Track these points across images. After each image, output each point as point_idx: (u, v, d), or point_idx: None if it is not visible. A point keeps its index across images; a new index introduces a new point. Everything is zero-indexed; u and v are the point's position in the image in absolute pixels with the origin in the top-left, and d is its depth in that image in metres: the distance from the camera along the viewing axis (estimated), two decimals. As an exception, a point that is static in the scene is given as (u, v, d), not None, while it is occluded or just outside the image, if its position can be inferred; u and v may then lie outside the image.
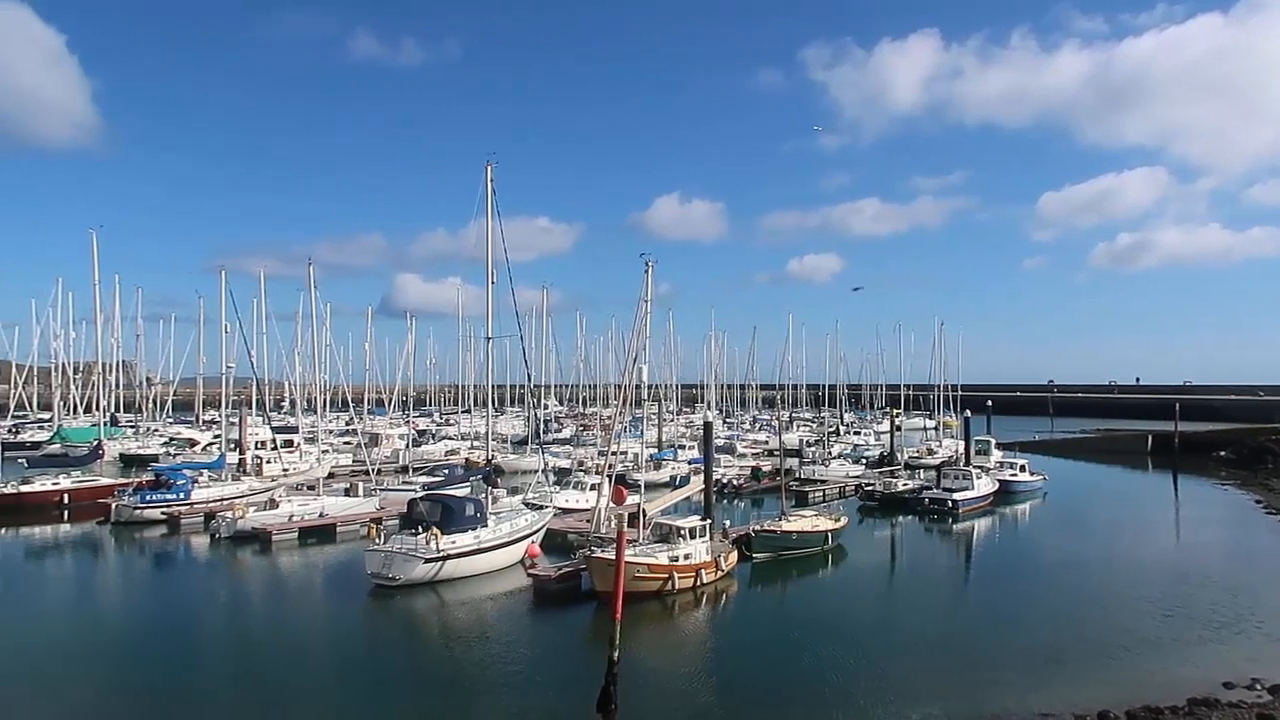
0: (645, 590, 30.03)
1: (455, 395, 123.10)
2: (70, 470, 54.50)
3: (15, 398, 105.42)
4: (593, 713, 18.97)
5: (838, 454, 71.52)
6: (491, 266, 41.36)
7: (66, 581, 36.69)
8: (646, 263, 41.56)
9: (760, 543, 37.35)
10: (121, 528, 44.49)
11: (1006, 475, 58.71)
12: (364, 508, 45.89)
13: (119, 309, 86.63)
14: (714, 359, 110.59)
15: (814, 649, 25.64)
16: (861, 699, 21.46)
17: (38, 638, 26.87)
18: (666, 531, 33.38)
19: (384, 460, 64.20)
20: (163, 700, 21.43)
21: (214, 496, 47.79)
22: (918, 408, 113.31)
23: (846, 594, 34.32)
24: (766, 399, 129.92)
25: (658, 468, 60.01)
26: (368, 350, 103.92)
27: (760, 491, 57.33)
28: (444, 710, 21.02)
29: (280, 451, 61.28)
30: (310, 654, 25.76)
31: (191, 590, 34.45)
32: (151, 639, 27.14)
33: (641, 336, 43.55)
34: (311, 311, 66.54)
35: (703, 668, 24.72)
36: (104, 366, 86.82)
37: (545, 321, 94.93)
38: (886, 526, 48.46)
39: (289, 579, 36.28)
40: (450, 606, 30.88)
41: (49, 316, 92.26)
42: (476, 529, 34.57)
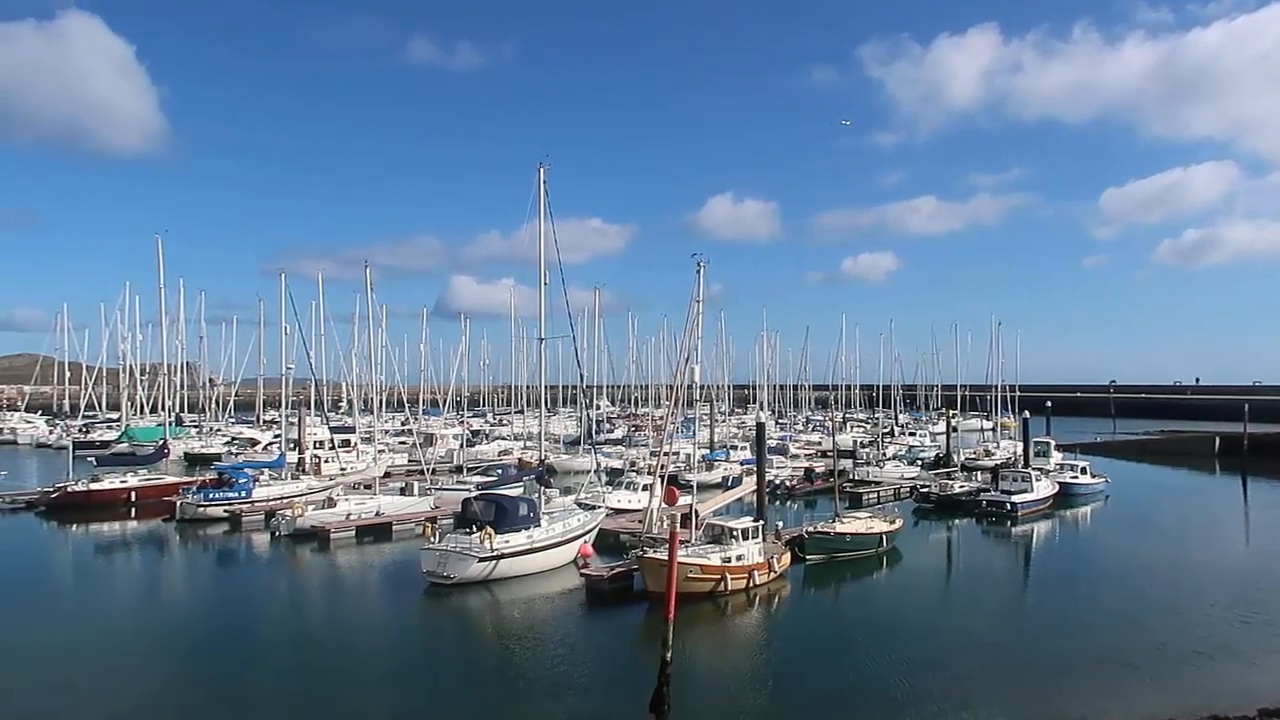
0: (697, 591, 29.95)
1: (508, 396, 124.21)
2: (137, 469, 56.08)
3: (85, 398, 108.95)
4: (646, 713, 18.95)
5: (892, 455, 70.66)
6: (544, 268, 41.62)
7: (134, 576, 37.75)
8: (698, 263, 41.44)
9: (813, 544, 37.03)
10: (186, 525, 45.66)
11: (1067, 477, 57.43)
12: (419, 507, 46.46)
13: (183, 312, 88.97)
14: (766, 359, 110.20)
15: (868, 652, 25.36)
16: (920, 704, 21.14)
17: (107, 631, 27.71)
18: (719, 532, 33.26)
19: (438, 460, 64.90)
20: (225, 693, 21.93)
21: (274, 495, 48.80)
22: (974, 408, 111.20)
23: (902, 597, 33.83)
24: (819, 399, 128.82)
25: (710, 469, 59.88)
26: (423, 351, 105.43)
27: (813, 493, 56.86)
28: (498, 708, 21.16)
29: (338, 451, 62.36)
30: (367, 650, 26.12)
31: (253, 586, 35.24)
32: (215, 633, 27.79)
33: (693, 337, 43.46)
34: (368, 313, 67.51)
35: (756, 670, 24.59)
36: (169, 368, 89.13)
37: (597, 322, 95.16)
38: (943, 529, 47.72)
39: (346, 576, 36.88)
40: (504, 605, 31.14)
41: (117, 320, 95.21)
42: (530, 529, 34.80)
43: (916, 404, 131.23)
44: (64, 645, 25.65)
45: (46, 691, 21.82)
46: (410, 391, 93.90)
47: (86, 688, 22.17)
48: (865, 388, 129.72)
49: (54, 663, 23.99)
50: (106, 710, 20.77)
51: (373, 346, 67.36)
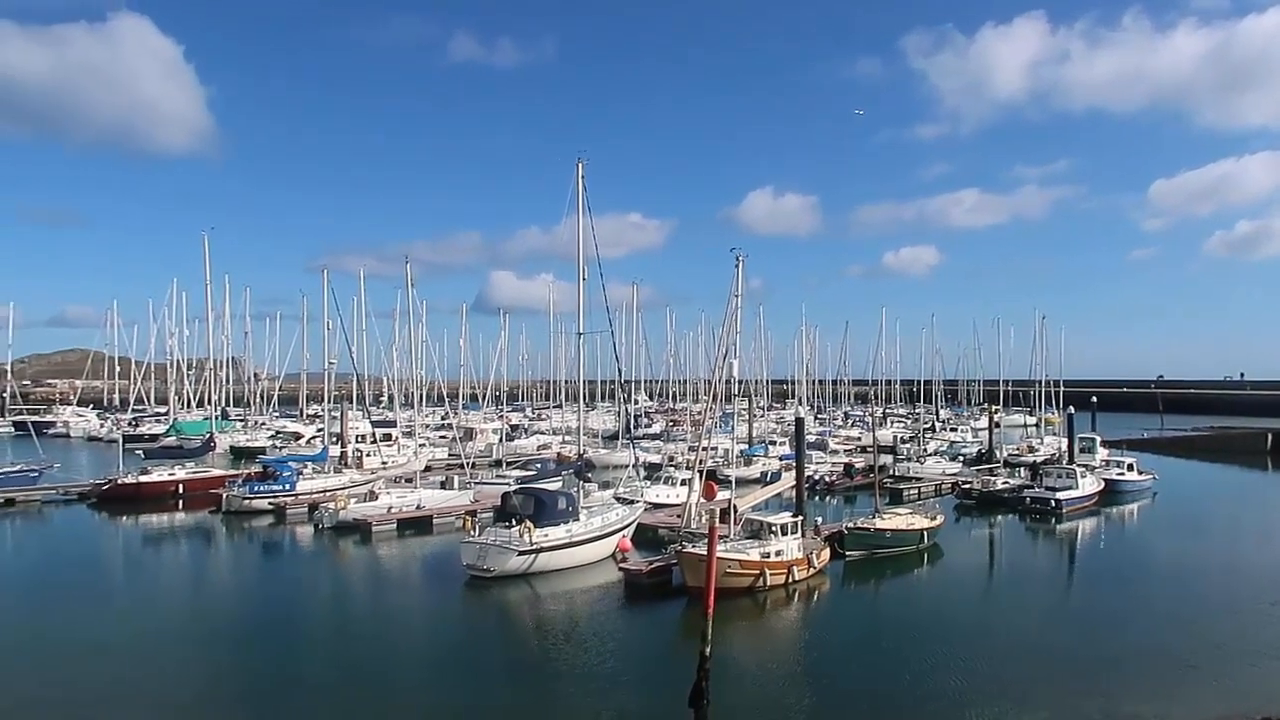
0: (736, 586, 29.86)
1: (547, 390, 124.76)
2: (184, 461, 57.22)
3: (135, 393, 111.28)
4: (685, 708, 18.93)
5: (933, 451, 69.89)
6: (583, 263, 41.76)
7: (182, 567, 38.47)
8: (737, 258, 41.32)
9: (853, 540, 36.76)
10: (232, 517, 46.46)
11: (1113, 474, 56.43)
12: (459, 500, 46.82)
13: (229, 308, 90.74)
14: (805, 354, 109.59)
15: (910, 650, 25.12)
16: (964, 703, 20.88)
17: (156, 621, 28.32)
18: (758, 528, 33.16)
19: (478, 454, 65.46)
20: (271, 683, 22.30)
21: (317, 488, 49.51)
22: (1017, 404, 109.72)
23: (943, 594, 33.47)
24: (859, 394, 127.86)
25: (748, 464, 59.70)
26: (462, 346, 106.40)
27: (853, 489, 56.46)
28: (537, 700, 21.27)
29: (379, 445, 63.07)
30: (408, 641, 26.43)
31: (297, 578, 35.79)
32: (260, 624, 28.27)
33: (732, 332, 43.31)
34: (409, 308, 68.36)
35: (795, 665, 24.48)
36: (215, 363, 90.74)
37: (636, 317, 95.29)
38: (985, 526, 47.12)
39: (388, 569, 37.31)
40: (543, 599, 31.30)
41: (165, 316, 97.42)
42: (568, 523, 34.94)
43: (958, 399, 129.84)
44: (115, 636, 26.24)
45: (98, 682, 22.33)
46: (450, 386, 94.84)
47: (136, 678, 22.65)
48: (906, 383, 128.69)
49: (105, 653, 24.53)
50: (157, 700, 21.16)
51: (413, 342, 68.21)
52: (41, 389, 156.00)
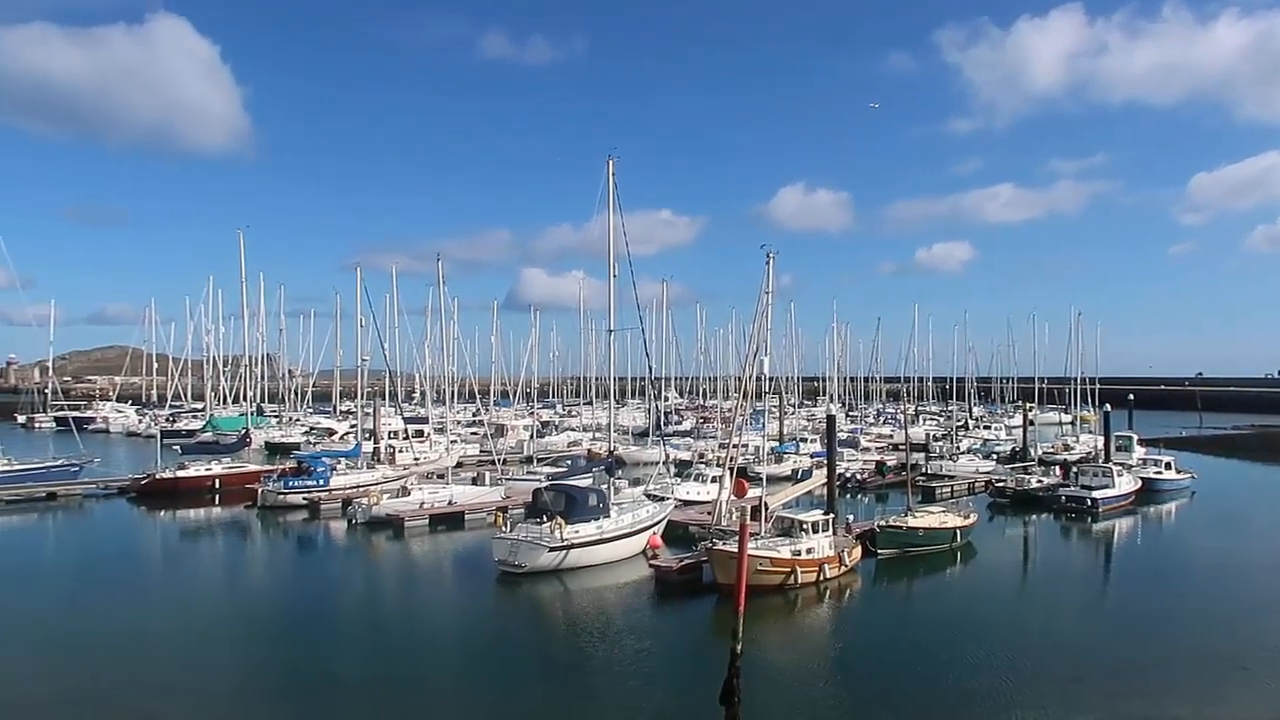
0: (767, 584, 29.77)
1: (577, 387, 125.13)
2: (221, 457, 58.01)
3: (172, 389, 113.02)
4: (715, 704, 18.91)
5: (966, 449, 69.28)
6: (613, 260, 41.80)
7: (219, 561, 39.03)
8: (768, 254, 41.16)
9: (885, 538, 36.52)
10: (267, 511, 47.05)
11: (1150, 473, 55.56)
12: (490, 496, 47.06)
13: (264, 305, 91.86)
14: (837, 351, 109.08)
15: (942, 649, 24.91)
16: (998, 704, 20.69)
17: (194, 614, 28.69)
18: (789, 525, 33.03)
19: (509, 451, 65.74)
20: (304, 676, 22.56)
21: (351, 483, 49.99)
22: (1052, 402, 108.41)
23: (977, 593, 33.14)
24: (891, 392, 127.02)
25: (779, 461, 59.50)
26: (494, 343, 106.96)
27: (885, 486, 56.08)
28: (568, 696, 21.35)
29: (411, 441, 63.50)
30: (441, 636, 26.65)
31: (331, 572, 36.20)
32: (295, 618, 28.61)
33: (763, 329, 43.14)
34: (440, 306, 68.79)
35: (826, 664, 24.38)
36: (250, 359, 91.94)
37: (666, 314, 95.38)
38: (1019, 525, 46.60)
39: (420, 564, 37.61)
40: (574, 595, 31.40)
41: (201, 313, 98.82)
42: (599, 519, 35.01)
43: (991, 397, 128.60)
44: (154, 628, 26.68)
45: (138, 674, 22.74)
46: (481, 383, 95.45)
47: (175, 671, 22.99)
48: (938, 380, 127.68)
49: (145, 645, 24.97)
50: (195, 693, 21.47)
51: (445, 338, 68.72)
52: (82, 385, 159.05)
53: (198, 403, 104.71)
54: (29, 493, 49.78)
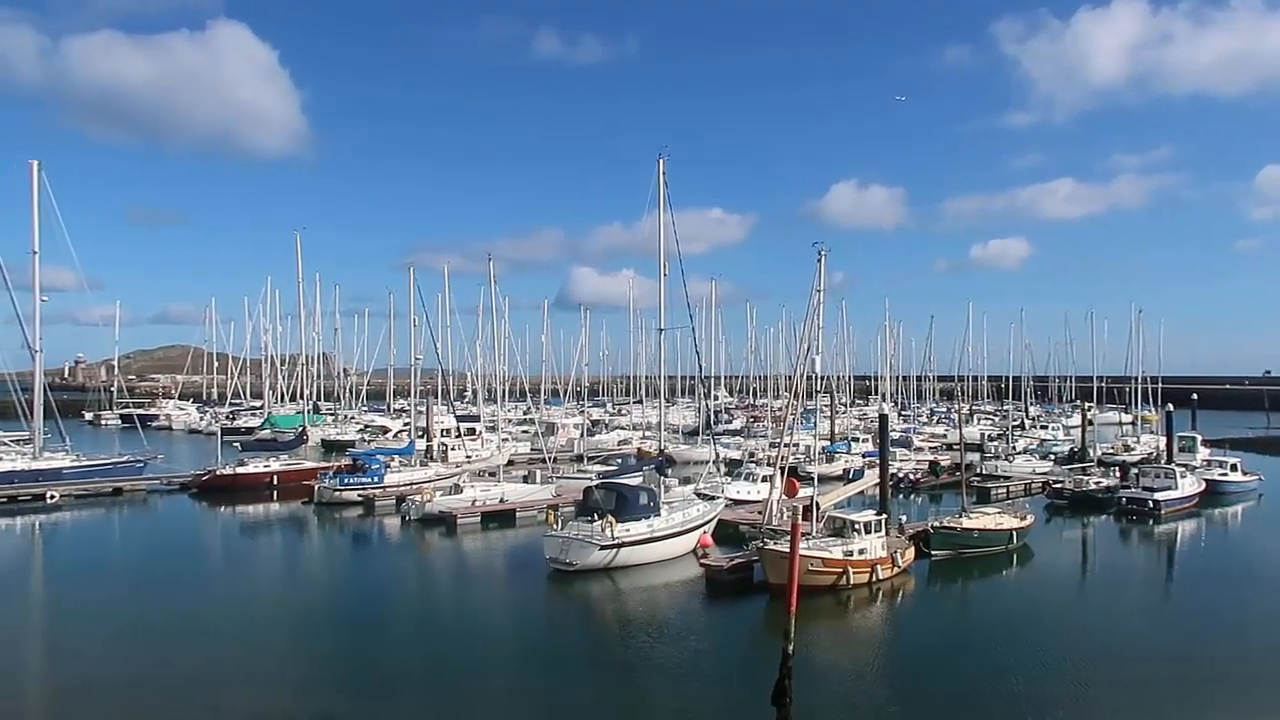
0: (819, 585, 29.56)
1: (627, 386, 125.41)
2: (279, 454, 59.20)
3: (232, 387, 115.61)
4: (767, 705, 18.84)
5: (1023, 449, 68.04)
6: (663, 259, 41.87)
7: (277, 556, 39.85)
8: (820, 252, 40.77)
9: (939, 539, 36.03)
10: (323, 508, 47.94)
11: (1215, 474, 54.01)
12: (541, 494, 47.37)
13: (320, 305, 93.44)
14: (889, 350, 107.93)
15: (998, 652, 24.54)
16: (1056, 710, 20.29)
17: (253, 607, 29.43)
18: (841, 525, 32.77)
19: (560, 449, 66.08)
20: (359, 669, 22.91)
21: (404, 481, 50.65)
22: (1112, 401, 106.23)
23: (1034, 596, 32.47)
24: (944, 391, 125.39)
25: (830, 460, 59.04)
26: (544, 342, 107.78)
27: (938, 487, 55.32)
28: (619, 694, 21.42)
29: (464, 439, 64.22)
30: (493, 632, 26.87)
31: (385, 568, 36.71)
32: (350, 613, 29.11)
33: (814, 327, 42.80)
34: (492, 305, 69.24)
35: (879, 666, 24.11)
36: (306, 358, 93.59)
37: (715, 313, 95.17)
38: (1077, 526, 45.64)
39: (472, 561, 38.01)
40: (625, 593, 31.48)
41: (259, 313, 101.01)
42: (650, 518, 35.04)
43: (1049, 396, 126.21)
44: (215, 621, 27.29)
45: (200, 665, 23.25)
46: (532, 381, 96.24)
47: (234, 662, 23.53)
48: (993, 379, 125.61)
49: (206, 637, 25.54)
50: (253, 684, 21.99)
51: (496, 337, 69.15)
52: (145, 383, 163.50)
53: (256, 401, 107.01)
54: (96, 488, 51.32)
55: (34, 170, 54.98)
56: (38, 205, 55.03)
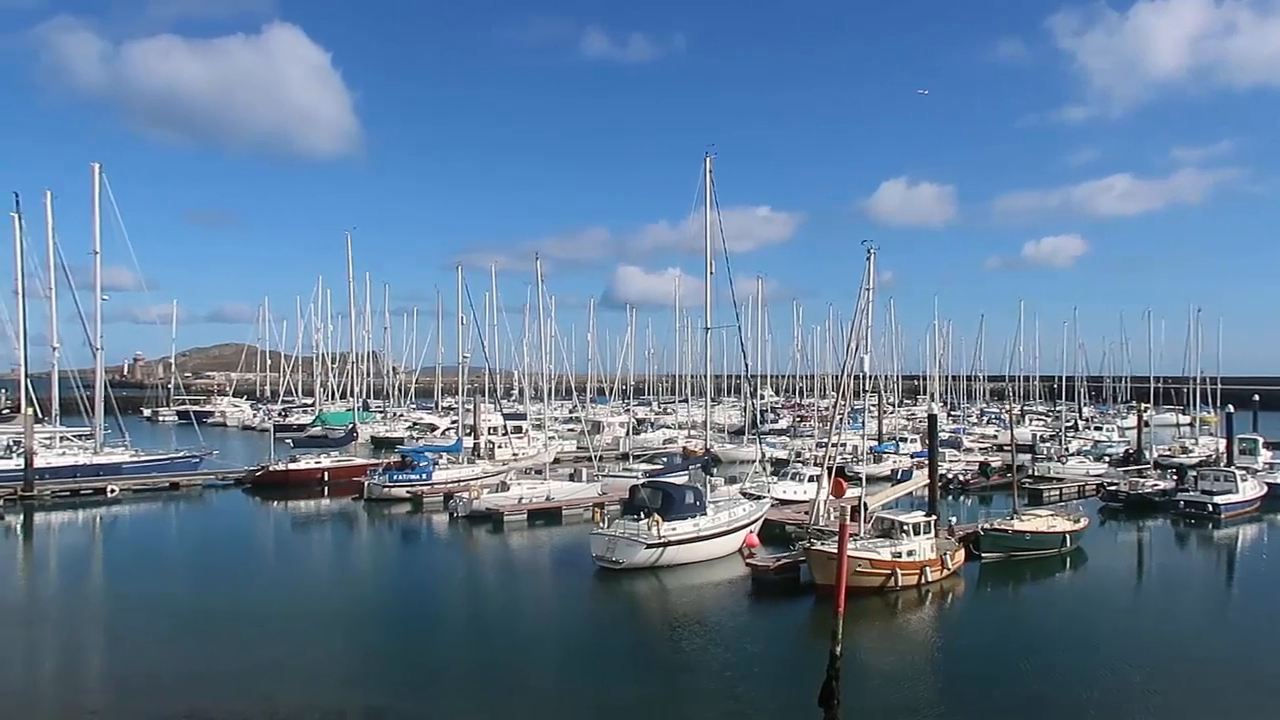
0: (866, 586, 29.26)
1: (672, 384, 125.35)
2: (329, 450, 60.15)
3: (284, 384, 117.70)
4: (814, 706, 18.73)
5: (1076, 450, 66.78)
6: (710, 257, 41.82)
7: (328, 552, 40.45)
8: (868, 250, 40.42)
9: (990, 542, 35.50)
10: (372, 504, 48.64)
11: (1278, 478, 52.52)
12: (587, 493, 47.57)
13: (370, 304, 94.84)
14: (938, 349, 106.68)
15: (1051, 656, 24.08)
16: (1109, 716, 19.90)
17: (305, 601, 29.92)
18: (889, 526, 32.44)
19: (605, 447, 66.26)
20: (407, 664, 23.18)
21: (452, 478, 51.16)
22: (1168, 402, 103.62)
23: (1088, 600, 31.83)
24: (995, 391, 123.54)
25: (878, 461, 58.46)
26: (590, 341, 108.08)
27: (989, 488, 54.49)
28: (665, 693, 21.41)
29: (510, 437, 64.65)
30: (539, 629, 27.02)
31: (434, 564, 37.15)
32: (398, 607, 29.55)
33: (863, 326, 42.42)
34: (539, 304, 69.83)
35: (928, 669, 23.83)
36: (357, 356, 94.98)
37: (761, 311, 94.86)
38: (1133, 530, 44.70)
39: (519, 558, 38.27)
40: (671, 592, 31.48)
41: (311, 312, 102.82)
42: (696, 517, 35.01)
43: (1103, 396, 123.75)
44: (268, 613, 27.81)
45: (253, 658, 23.73)
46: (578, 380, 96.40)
47: (286, 655, 23.94)
48: (1045, 379, 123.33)
49: (260, 629, 26.05)
50: (305, 675, 22.37)
51: (543, 336, 69.72)
52: (201, 381, 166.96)
53: (308, 398, 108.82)
54: (154, 482, 52.62)
55: (95, 172, 56.57)
56: (99, 206, 56.62)
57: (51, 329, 57.67)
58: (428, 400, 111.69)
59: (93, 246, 56.90)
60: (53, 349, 57.63)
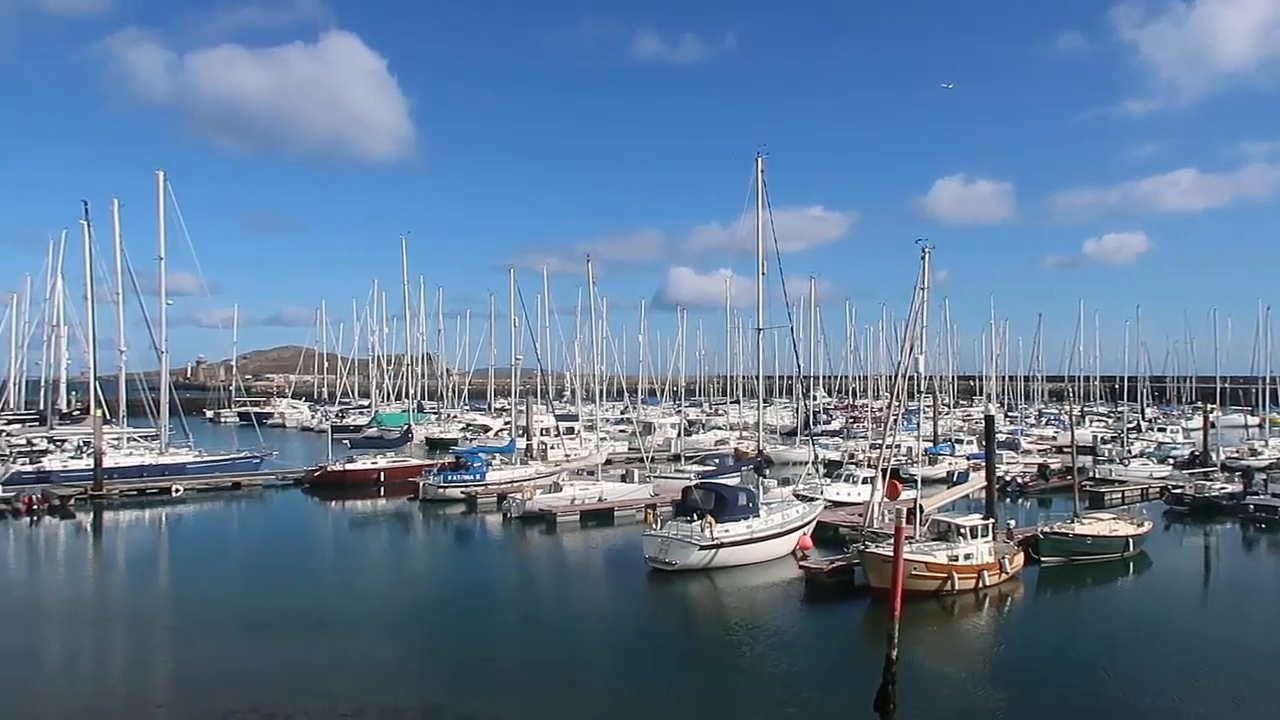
0: (922, 590, 28.87)
1: (724, 386, 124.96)
2: (385, 451, 60.97)
3: (341, 386, 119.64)
4: (870, 710, 18.57)
5: (1139, 452, 65.14)
6: (762, 257, 41.61)
7: (384, 551, 41.14)
8: (923, 249, 39.99)
9: (1049, 545, 34.83)
10: (427, 504, 49.25)
11: (1355, 481, 50.65)
12: (639, 494, 47.63)
13: (424, 306, 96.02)
14: (995, 349, 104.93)
15: (1113, 663, 23.54)
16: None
17: (362, 598, 30.46)
18: (945, 529, 31.99)
19: (657, 449, 66.27)
20: (462, 662, 23.52)
21: (505, 479, 51.56)
22: (1235, 402, 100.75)
23: (1152, 606, 31.12)
24: (1054, 391, 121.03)
25: (933, 463, 57.57)
26: (641, 342, 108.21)
27: (1048, 491, 53.47)
28: (719, 695, 21.37)
29: (563, 438, 64.96)
30: (593, 629, 27.17)
31: (488, 563, 37.57)
32: (453, 605, 29.93)
33: (917, 326, 41.90)
34: (590, 305, 70.11)
35: (986, 675, 23.40)
36: (411, 358, 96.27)
37: (814, 312, 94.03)
38: (1199, 534, 43.54)
39: (572, 558, 38.48)
40: (724, 593, 31.41)
41: (367, 314, 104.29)
42: (749, 519, 34.87)
43: (1166, 397, 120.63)
44: (326, 611, 28.37)
45: (313, 653, 24.25)
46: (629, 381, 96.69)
47: (344, 650, 24.38)
48: (1106, 379, 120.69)
49: (319, 626, 26.57)
50: (361, 672, 22.70)
51: (595, 338, 69.94)
52: (261, 383, 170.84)
53: (364, 400, 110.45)
54: (217, 482, 53.90)
55: (160, 180, 58.16)
56: (163, 213, 58.19)
57: (119, 333, 59.52)
58: (481, 402, 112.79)
59: (158, 252, 58.55)
60: (120, 352, 59.47)
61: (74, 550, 40.80)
